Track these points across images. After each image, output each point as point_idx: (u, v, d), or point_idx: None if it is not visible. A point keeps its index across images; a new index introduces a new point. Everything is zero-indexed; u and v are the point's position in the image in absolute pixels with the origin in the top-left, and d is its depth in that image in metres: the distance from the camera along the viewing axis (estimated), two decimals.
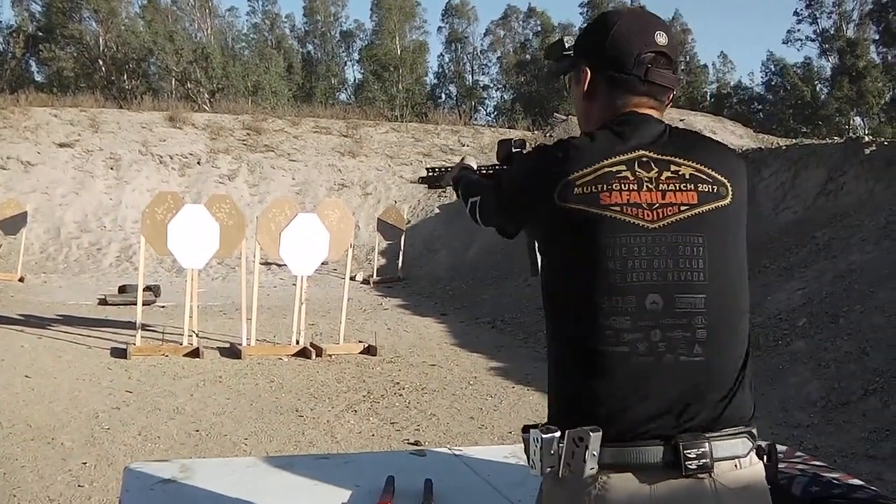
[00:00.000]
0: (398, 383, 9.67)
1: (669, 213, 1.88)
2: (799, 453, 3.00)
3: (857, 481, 2.70)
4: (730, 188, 1.94)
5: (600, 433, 1.78)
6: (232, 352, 10.95)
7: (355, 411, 8.37)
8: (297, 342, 11.27)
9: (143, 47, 44.23)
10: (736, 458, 1.84)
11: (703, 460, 1.78)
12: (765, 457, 1.95)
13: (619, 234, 1.85)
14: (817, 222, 12.98)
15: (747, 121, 39.34)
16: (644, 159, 1.92)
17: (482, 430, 7.75)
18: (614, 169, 1.90)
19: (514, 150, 2.48)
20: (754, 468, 1.89)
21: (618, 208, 1.86)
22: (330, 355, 11.00)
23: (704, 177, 1.93)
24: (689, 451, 1.78)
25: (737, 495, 1.82)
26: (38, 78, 47.27)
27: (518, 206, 2.05)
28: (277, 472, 2.93)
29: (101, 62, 45.60)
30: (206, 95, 40.90)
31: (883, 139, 15.77)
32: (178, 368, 9.96)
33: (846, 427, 7.37)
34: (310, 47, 58.26)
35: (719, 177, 1.94)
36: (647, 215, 1.87)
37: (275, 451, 6.87)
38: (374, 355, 11.14)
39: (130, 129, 25.84)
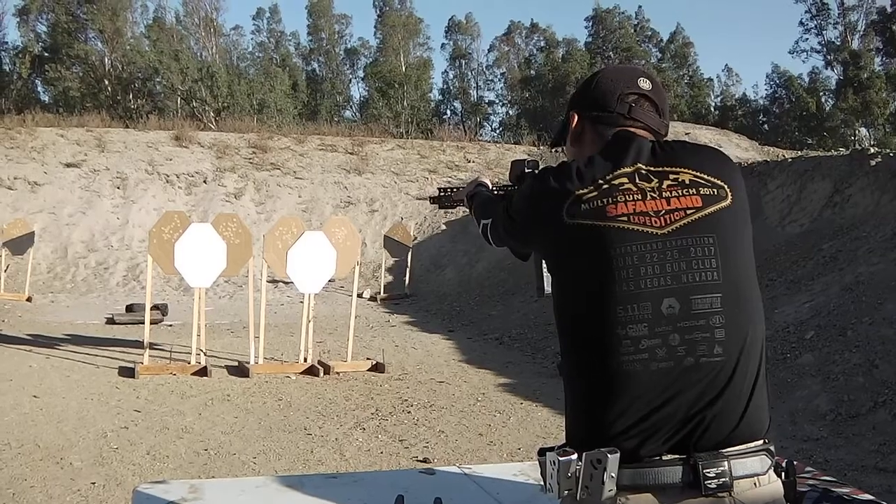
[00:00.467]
0: (406, 400, 9.66)
1: (677, 218, 1.89)
2: (809, 469, 2.99)
3: (867, 496, 2.70)
4: (728, 190, 1.96)
5: (618, 455, 1.77)
6: (240, 370, 10.94)
7: (364, 429, 8.36)
8: (305, 360, 11.26)
9: (148, 67, 44.37)
10: (755, 475, 1.83)
11: (723, 479, 1.77)
12: (783, 474, 1.95)
13: (628, 242, 1.87)
14: (824, 235, 12.97)
15: (752, 134, 39.36)
16: (643, 171, 1.96)
17: (491, 447, 7.73)
18: (617, 182, 1.93)
19: (526, 171, 2.47)
20: (773, 486, 1.88)
21: (625, 218, 1.88)
22: (338, 373, 10.99)
23: (703, 181, 1.95)
24: (708, 471, 1.77)
25: None
26: (44, 98, 47.49)
27: (528, 227, 2.08)
28: (287, 491, 2.93)
29: (106, 82, 45.77)
30: (212, 114, 40.99)
31: (889, 150, 15.75)
32: (186, 387, 9.95)
33: (856, 440, 7.34)
34: (314, 65, 58.43)
35: (716, 180, 1.96)
36: (655, 222, 1.89)
37: (283, 469, 6.86)
38: (382, 372, 11.12)
39: (137, 149, 25.92)
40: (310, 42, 58.56)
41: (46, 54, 46.85)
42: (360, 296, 16.46)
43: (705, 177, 1.96)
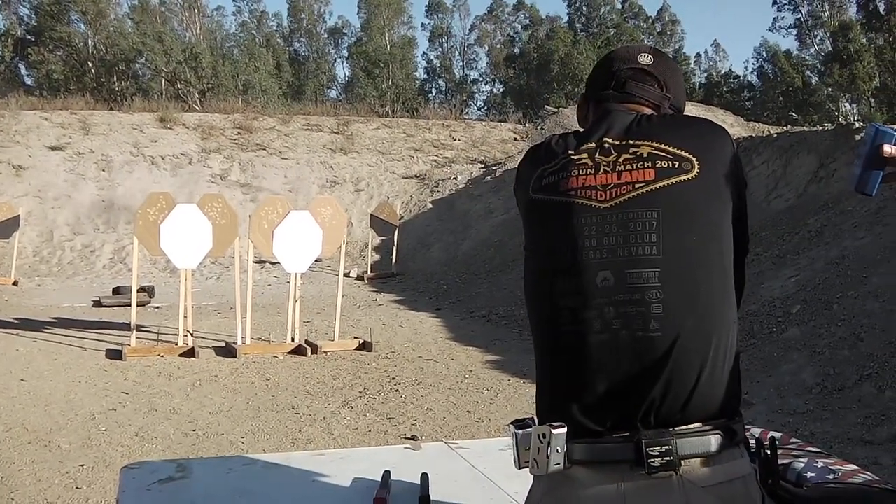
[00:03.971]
0: (394, 379, 9.68)
1: (624, 192, 1.88)
2: (794, 439, 3.00)
3: (852, 466, 2.71)
4: (696, 163, 1.90)
5: (564, 429, 1.77)
6: (227, 351, 10.95)
7: (351, 407, 8.38)
8: (293, 340, 11.27)
9: (132, 48, 44.14)
10: (707, 455, 1.79)
11: (668, 458, 1.74)
12: (761, 452, 1.94)
13: (572, 216, 1.89)
14: (809, 209, 13.02)
15: (738, 109, 39.40)
16: (606, 146, 1.95)
17: (479, 424, 7.76)
18: (576, 157, 1.95)
19: None
20: (731, 466, 1.82)
21: (573, 192, 1.90)
22: (325, 352, 11.01)
23: (664, 153, 1.91)
24: (651, 449, 1.75)
25: (709, 493, 1.77)
26: (27, 81, 47.33)
27: (521, 213, 2.08)
28: (274, 469, 2.94)
29: (90, 64, 45.55)
30: (197, 95, 40.86)
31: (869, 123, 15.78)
32: (174, 369, 9.95)
33: (841, 413, 7.38)
34: (297, 46, 58.25)
35: (682, 152, 1.91)
36: (601, 195, 1.89)
37: (272, 448, 6.87)
38: (370, 351, 11.14)
39: (121, 131, 25.80)
40: (291, 23, 58.36)
41: (29, 37, 46.62)
42: (346, 275, 16.46)
43: (669, 149, 1.92)
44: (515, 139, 29.10)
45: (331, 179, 25.48)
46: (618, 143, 1.95)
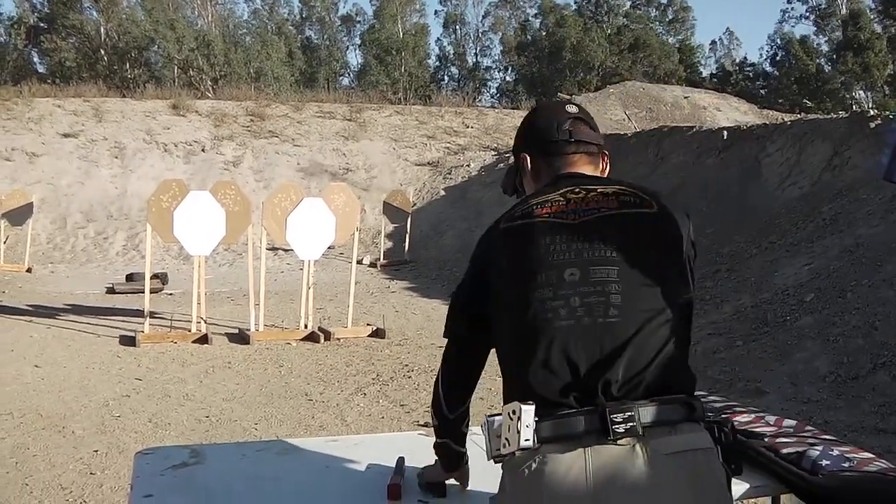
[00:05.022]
0: (407, 365, 9.69)
1: (590, 213, 2.14)
2: (809, 427, 3.00)
3: (868, 454, 2.70)
4: (655, 204, 2.17)
5: (533, 406, 1.95)
6: (240, 337, 10.97)
7: (364, 394, 8.38)
8: (306, 326, 11.29)
9: (144, 36, 44.19)
10: (670, 423, 1.95)
11: (630, 424, 1.90)
12: (722, 436, 2.08)
13: (546, 230, 2.13)
14: (823, 197, 12.96)
15: (752, 97, 39.24)
16: (576, 190, 2.21)
17: (490, 411, 7.71)
18: (549, 197, 2.20)
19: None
20: (695, 435, 1.99)
21: (548, 215, 2.16)
22: (338, 339, 11.02)
23: (627, 194, 2.18)
24: (615, 416, 1.90)
25: (671, 460, 1.91)
26: (40, 69, 47.38)
27: (476, 274, 2.33)
28: (288, 455, 2.94)
29: (102, 52, 45.62)
30: (209, 83, 40.90)
31: (888, 112, 15.70)
32: (187, 355, 9.98)
33: (855, 401, 7.36)
34: (310, 33, 58.18)
35: (644, 196, 2.19)
36: (572, 217, 2.14)
37: (285, 435, 6.87)
38: (383, 338, 11.15)
39: (134, 118, 25.86)
40: (303, 10, 58.30)
41: (42, 25, 46.69)
42: (359, 262, 16.46)
43: (631, 191, 2.19)
44: None
45: (343, 166, 25.49)
46: (585, 187, 2.21)
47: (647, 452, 1.89)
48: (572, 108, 2.37)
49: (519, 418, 1.93)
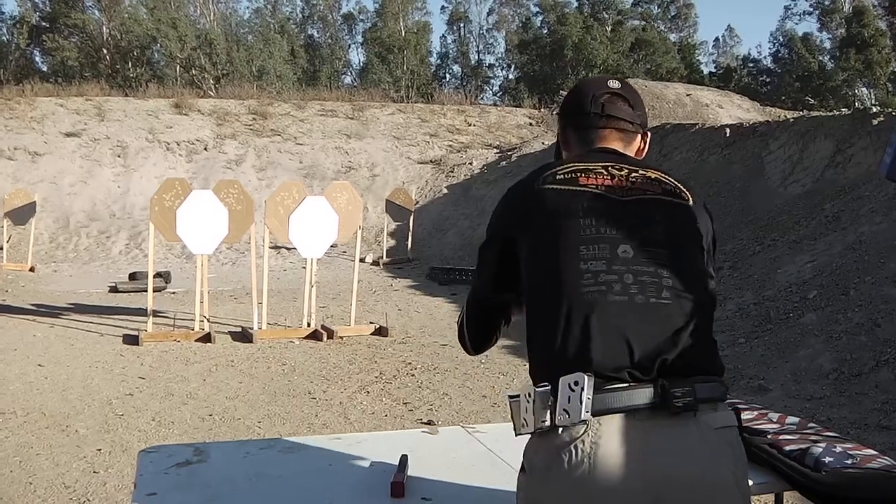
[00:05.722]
0: (410, 363, 9.69)
1: (637, 194, 2.17)
2: (812, 424, 3.00)
3: (871, 451, 2.70)
4: (691, 197, 2.24)
5: (593, 378, 1.93)
6: (243, 336, 10.98)
7: (368, 392, 8.39)
8: (309, 325, 11.29)
9: (146, 35, 44.08)
10: (714, 400, 2.01)
11: (688, 398, 1.94)
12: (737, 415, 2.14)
13: (593, 201, 2.14)
14: (826, 194, 12.95)
15: (754, 94, 39.18)
16: (618, 167, 2.23)
17: (495, 409, 7.76)
18: (591, 166, 2.22)
19: None
20: (729, 414, 2.07)
21: (594, 186, 2.16)
22: (341, 337, 11.03)
23: (668, 183, 2.24)
24: (675, 390, 1.94)
25: (717, 434, 1.98)
26: (42, 68, 47.22)
27: (501, 229, 2.27)
28: (291, 453, 2.94)
29: (105, 51, 45.52)
30: (212, 81, 40.85)
31: (891, 110, 15.69)
32: (190, 354, 9.99)
33: (859, 398, 7.36)
34: (312, 31, 58.14)
35: (682, 186, 2.26)
36: (619, 193, 2.16)
37: (288, 433, 6.88)
38: (386, 336, 11.16)
39: (136, 117, 25.88)
40: (305, 9, 58.25)
41: (44, 24, 46.57)
42: (362, 260, 16.49)
43: (671, 180, 2.25)
44: (531, 124, 29.10)
45: (346, 165, 25.50)
46: (626, 166, 2.25)
47: (699, 426, 1.96)
48: (614, 84, 2.39)
49: (582, 389, 1.92)
